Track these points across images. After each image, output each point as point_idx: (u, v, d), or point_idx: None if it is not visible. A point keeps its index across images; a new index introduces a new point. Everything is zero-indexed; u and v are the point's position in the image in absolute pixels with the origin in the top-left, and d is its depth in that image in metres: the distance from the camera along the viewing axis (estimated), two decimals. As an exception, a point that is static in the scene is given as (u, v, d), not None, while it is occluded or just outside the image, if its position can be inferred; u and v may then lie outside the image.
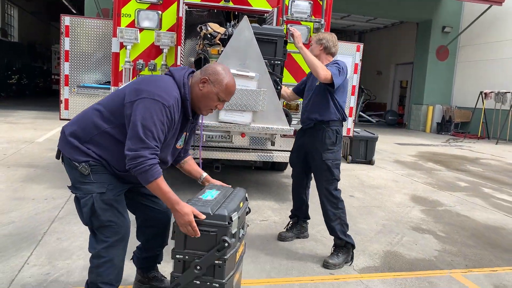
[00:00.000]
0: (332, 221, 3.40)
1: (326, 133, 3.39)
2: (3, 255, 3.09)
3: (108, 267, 2.17)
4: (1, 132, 8.91)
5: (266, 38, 3.31)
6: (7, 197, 4.47)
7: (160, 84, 2.12)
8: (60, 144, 2.22)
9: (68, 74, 5.42)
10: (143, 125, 1.99)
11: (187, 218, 1.97)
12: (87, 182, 2.13)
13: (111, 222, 2.16)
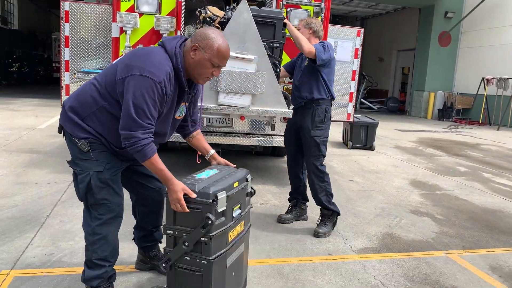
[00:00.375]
0: (319, 193, 3.63)
1: (316, 111, 3.52)
2: (7, 236, 3.15)
3: (102, 244, 2.22)
4: (3, 119, 8.95)
5: (265, 21, 3.31)
6: (10, 182, 4.53)
7: (151, 58, 2.06)
8: (61, 119, 2.24)
9: (69, 59, 5.43)
10: (134, 104, 1.99)
11: (175, 196, 2.01)
12: (86, 159, 2.16)
13: (106, 200, 2.20)
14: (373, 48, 22.14)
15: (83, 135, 2.15)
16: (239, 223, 2.25)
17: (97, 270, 2.23)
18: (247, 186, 2.32)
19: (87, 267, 2.26)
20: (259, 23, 3.20)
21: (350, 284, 2.81)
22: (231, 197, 2.09)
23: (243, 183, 2.26)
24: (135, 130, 2.01)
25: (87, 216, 2.26)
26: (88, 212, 2.25)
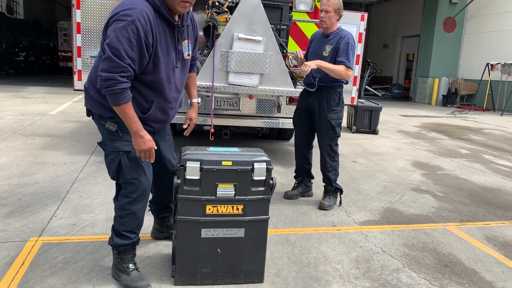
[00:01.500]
0: (329, 171, 3.83)
1: (331, 95, 3.65)
2: (32, 209, 3.37)
3: (130, 218, 2.36)
4: (15, 105, 9.17)
5: (272, 4, 3.46)
6: (29, 162, 4.75)
7: (124, 3, 2.07)
8: (87, 103, 2.32)
9: (81, 45, 5.60)
10: (109, 45, 2.00)
11: (149, 144, 2.16)
12: (115, 139, 2.25)
13: (135, 179, 2.30)
14: (377, 35, 22.13)
15: (109, 115, 2.22)
16: (230, 204, 2.31)
17: (124, 240, 2.37)
18: (253, 172, 2.31)
19: (115, 235, 2.38)
20: (267, 6, 3.35)
21: (352, 250, 3.01)
22: (213, 172, 2.24)
23: (243, 166, 2.29)
24: (114, 71, 2.00)
25: (120, 192, 2.40)
26: (121, 189, 2.38)
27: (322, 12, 3.56)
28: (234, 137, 5.92)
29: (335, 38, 3.58)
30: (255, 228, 2.37)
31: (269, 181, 2.36)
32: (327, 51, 3.60)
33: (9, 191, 3.77)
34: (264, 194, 2.36)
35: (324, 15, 3.55)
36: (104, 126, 2.25)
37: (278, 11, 3.47)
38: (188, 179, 2.25)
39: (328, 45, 3.60)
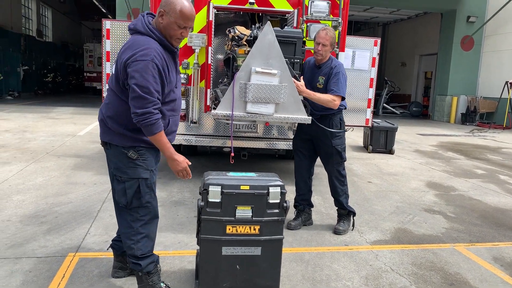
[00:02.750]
0: (340, 196, 3.95)
1: (332, 122, 3.83)
2: (68, 227, 3.70)
3: (145, 241, 2.57)
4: (46, 126, 9.70)
5: (287, 40, 3.74)
6: (62, 182, 5.12)
7: (136, 45, 2.32)
8: (104, 136, 2.50)
9: (109, 73, 6.02)
10: (138, 85, 2.26)
11: (183, 165, 2.45)
12: (134, 166, 2.44)
13: (149, 203, 2.52)
14: (395, 53, 22.30)
15: (131, 144, 2.42)
16: (248, 224, 2.54)
17: (148, 258, 2.58)
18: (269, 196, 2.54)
19: (138, 260, 2.54)
20: (282, 41, 3.63)
21: (362, 268, 3.21)
22: (232, 195, 2.50)
23: (260, 190, 2.53)
24: (148, 106, 2.28)
25: (128, 218, 2.52)
26: (129, 215, 2.51)
27: (319, 45, 3.70)
28: (252, 158, 6.19)
29: (327, 69, 3.75)
30: (270, 247, 2.61)
31: (283, 204, 2.60)
32: (321, 83, 3.78)
33: (47, 209, 4.12)
34: (278, 215, 2.61)
35: (321, 48, 3.71)
36: (126, 154, 2.44)
37: (292, 46, 3.74)
38: (210, 201, 2.53)
39: (321, 76, 3.79)
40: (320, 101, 3.67)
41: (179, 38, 2.44)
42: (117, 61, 2.42)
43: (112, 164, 2.53)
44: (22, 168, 5.71)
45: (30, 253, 3.15)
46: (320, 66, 3.86)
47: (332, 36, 3.72)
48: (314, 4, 5.31)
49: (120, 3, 13.84)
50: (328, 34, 3.71)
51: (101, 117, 2.52)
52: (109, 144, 2.50)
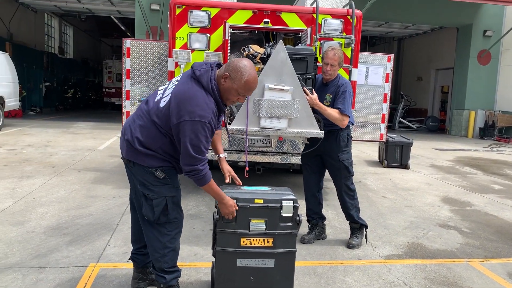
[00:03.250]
0: (350, 210, 3.99)
1: (340, 137, 3.91)
2: (89, 238, 3.84)
3: (172, 255, 2.68)
4: (66, 141, 10.00)
5: (299, 57, 3.88)
6: (83, 195, 5.30)
7: (196, 102, 2.37)
8: (131, 156, 2.55)
9: (129, 89, 6.25)
10: (192, 145, 2.35)
11: (230, 209, 2.57)
12: (161, 185, 2.53)
13: (176, 219, 2.63)
14: (411, 68, 22.27)
15: (158, 164, 2.51)
16: (261, 237, 2.65)
17: (174, 274, 2.70)
18: (282, 209, 2.64)
19: (164, 273, 2.64)
20: (294, 58, 3.76)
21: (375, 282, 3.25)
22: (246, 208, 2.60)
23: (273, 204, 2.63)
24: (196, 164, 2.40)
25: (155, 233, 2.60)
26: (157, 230, 2.60)
27: (327, 65, 3.80)
28: (266, 172, 6.29)
29: (334, 87, 3.86)
30: (284, 259, 2.69)
31: (296, 218, 2.69)
32: (328, 100, 3.87)
33: (69, 221, 4.28)
34: (291, 229, 2.69)
35: (330, 69, 3.81)
36: (153, 173, 2.51)
37: (304, 62, 3.87)
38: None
39: (328, 94, 3.90)
40: (330, 117, 3.77)
41: (234, 102, 2.56)
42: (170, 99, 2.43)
43: (137, 181, 2.59)
44: (45, 181, 5.92)
45: (53, 263, 3.29)
46: (328, 83, 3.96)
47: (340, 56, 3.81)
48: (327, 22, 5.47)
49: (139, 22, 14.25)
50: (336, 54, 3.80)
51: (129, 137, 2.56)
52: (133, 162, 2.56)
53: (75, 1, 17.64)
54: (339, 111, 3.77)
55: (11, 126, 12.37)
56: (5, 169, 6.57)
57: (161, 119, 2.47)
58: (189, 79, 2.48)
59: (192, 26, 5.37)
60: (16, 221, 4.22)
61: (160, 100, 2.53)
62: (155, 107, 2.52)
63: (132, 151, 2.55)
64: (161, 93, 2.59)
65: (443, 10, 15.64)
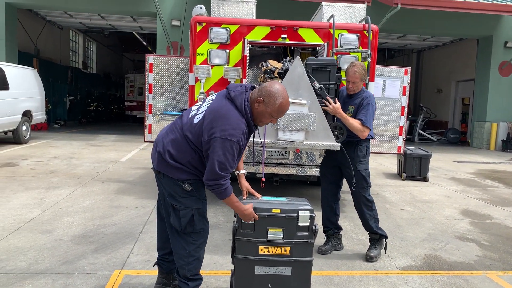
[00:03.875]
0: (369, 220, 4.02)
1: (358, 148, 3.99)
2: (113, 246, 4.00)
3: (196, 263, 2.80)
4: (90, 153, 10.31)
5: (322, 67, 4.00)
6: (107, 206, 5.49)
7: (229, 121, 2.47)
8: (161, 167, 2.66)
9: (152, 103, 6.47)
10: (218, 161, 2.44)
11: (250, 216, 2.67)
12: (188, 197, 2.65)
13: (202, 229, 2.74)
14: (430, 80, 22.10)
15: (186, 177, 2.62)
16: (279, 245, 2.73)
17: (197, 281, 2.82)
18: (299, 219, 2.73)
19: (188, 281, 2.75)
20: (317, 69, 3.90)
21: (391, 293, 3.29)
22: (264, 218, 2.70)
23: (290, 214, 2.73)
24: (219, 179, 2.49)
25: (182, 241, 2.72)
26: (183, 238, 2.71)
27: (349, 83, 3.93)
28: (284, 184, 6.38)
29: (358, 99, 3.96)
30: (300, 267, 2.77)
31: (312, 227, 2.78)
32: (350, 111, 3.97)
33: (94, 230, 4.46)
34: (308, 238, 2.78)
35: (352, 86, 3.94)
36: (181, 186, 2.63)
37: (326, 72, 3.98)
38: (244, 223, 2.74)
39: (351, 105, 4.00)
40: (351, 127, 3.85)
41: (266, 123, 2.70)
42: (204, 116, 2.53)
43: (166, 192, 2.72)
44: (71, 192, 6.15)
45: (80, 269, 3.45)
46: (352, 96, 4.05)
47: (360, 73, 3.90)
48: (343, 37, 5.60)
49: (160, 37, 14.66)
50: (357, 72, 3.89)
51: (160, 150, 2.67)
52: (163, 174, 2.68)
53: (99, 18, 18.25)
54: (360, 122, 3.84)
55: (38, 139, 12.82)
56: (33, 180, 6.85)
57: (193, 134, 2.58)
58: (224, 98, 2.58)
59: (212, 42, 5.57)
60: (44, 230, 4.42)
61: (194, 116, 2.64)
62: (188, 122, 2.64)
63: (163, 163, 2.66)
64: (195, 110, 2.70)
65: (463, 22, 15.58)
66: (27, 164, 8.39)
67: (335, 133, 3.95)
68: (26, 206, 5.31)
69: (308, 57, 4.04)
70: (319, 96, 3.89)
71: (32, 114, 12.14)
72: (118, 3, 14.72)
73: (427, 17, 15.21)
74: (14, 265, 3.49)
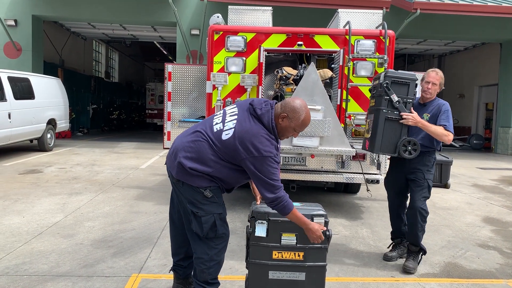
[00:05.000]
0: (419, 231, 3.90)
1: (427, 157, 3.93)
2: (131, 251, 4.09)
3: (217, 267, 2.83)
4: (111, 160, 10.54)
5: (401, 81, 3.79)
6: (126, 211, 5.60)
7: (261, 140, 2.57)
8: (181, 176, 2.70)
9: (170, 111, 6.60)
10: (267, 177, 2.56)
11: (318, 234, 2.69)
12: (209, 203, 2.69)
13: (223, 234, 2.78)
14: (452, 85, 21.66)
15: (207, 184, 2.68)
16: (292, 251, 2.77)
17: (214, 286, 2.84)
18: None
19: (207, 285, 2.77)
20: (396, 82, 3.74)
21: (408, 300, 3.25)
22: (278, 223, 2.72)
23: None
24: (277, 191, 2.59)
25: (203, 246, 2.75)
26: (205, 243, 2.74)
27: (429, 84, 3.86)
28: (301, 190, 6.37)
29: (434, 107, 3.87)
30: (314, 273, 2.78)
31: (326, 232, 2.78)
32: (425, 119, 3.83)
33: (113, 235, 4.56)
34: (322, 243, 2.78)
35: (431, 87, 3.86)
36: (202, 193, 2.68)
37: (405, 86, 3.79)
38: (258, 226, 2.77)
39: (426, 113, 3.88)
40: (436, 133, 3.75)
41: (288, 137, 2.82)
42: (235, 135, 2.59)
43: (185, 199, 2.75)
44: (92, 198, 6.30)
45: (99, 272, 3.54)
46: (426, 104, 3.96)
47: (442, 77, 3.89)
48: (360, 43, 5.60)
49: (180, 46, 14.92)
50: (438, 74, 3.89)
51: (181, 159, 2.69)
52: (182, 182, 2.72)
53: (121, 28, 18.70)
54: (444, 127, 3.77)
55: (61, 146, 13.18)
56: (56, 186, 7.05)
57: (223, 148, 2.65)
58: (250, 116, 2.66)
59: (229, 50, 5.66)
60: (66, 234, 4.55)
61: (221, 131, 2.68)
62: (216, 135, 2.69)
63: (183, 171, 2.70)
64: (220, 124, 2.72)
65: (485, 26, 15.29)
66: (51, 170, 8.64)
67: (408, 149, 3.77)
68: (49, 211, 5.47)
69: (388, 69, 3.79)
70: (397, 109, 3.74)
71: (57, 123, 12.49)
72: (139, 13, 15.06)
73: (448, 21, 15.00)
74: (36, 268, 3.61)
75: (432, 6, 12.86)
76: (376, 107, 3.87)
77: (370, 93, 4.17)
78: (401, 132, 3.81)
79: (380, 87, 3.79)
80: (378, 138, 3.78)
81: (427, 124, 3.77)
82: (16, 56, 14.82)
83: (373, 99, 4.00)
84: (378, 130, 3.78)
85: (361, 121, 5.26)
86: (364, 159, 5.38)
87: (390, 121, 3.78)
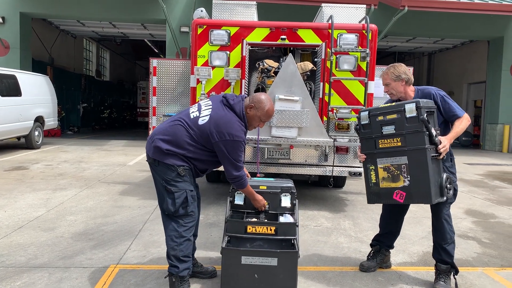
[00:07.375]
0: (448, 243, 3.34)
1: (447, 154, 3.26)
2: (111, 243, 4.09)
3: (187, 244, 2.96)
4: (99, 157, 10.50)
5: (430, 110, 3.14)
6: (110, 205, 5.60)
7: (233, 126, 2.92)
8: (158, 156, 2.93)
9: (156, 106, 6.59)
10: (235, 158, 2.95)
11: (262, 203, 3.23)
12: (182, 181, 2.93)
13: (193, 212, 3.00)
14: (442, 82, 21.86)
15: (181, 163, 2.94)
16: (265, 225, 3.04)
17: (186, 263, 2.95)
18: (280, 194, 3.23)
19: (177, 262, 2.91)
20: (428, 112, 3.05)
21: (383, 287, 3.28)
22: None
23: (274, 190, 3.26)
24: (239, 170, 3.00)
25: (174, 224, 2.95)
26: (175, 222, 2.94)
27: (384, 87, 3.44)
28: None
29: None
30: (286, 258, 2.83)
31: (294, 202, 3.14)
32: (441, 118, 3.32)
33: (95, 228, 4.56)
34: (290, 211, 3.12)
35: (387, 89, 3.41)
36: (177, 170, 2.93)
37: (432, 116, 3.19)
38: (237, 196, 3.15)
39: None
40: (460, 130, 3.25)
41: (255, 127, 3.19)
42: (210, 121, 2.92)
43: (160, 178, 2.98)
44: (76, 193, 6.28)
45: (77, 264, 3.54)
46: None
47: (389, 72, 3.37)
48: (342, 37, 5.62)
49: (170, 43, 14.89)
50: (388, 72, 3.39)
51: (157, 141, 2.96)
52: (158, 161, 2.96)
53: (110, 26, 18.61)
54: (457, 118, 3.26)
55: (50, 144, 13.10)
56: (41, 182, 7.02)
57: (199, 131, 2.96)
58: (223, 106, 3.02)
59: (212, 44, 5.66)
60: (47, 227, 4.54)
61: (197, 118, 2.99)
62: (192, 121, 2.99)
63: (159, 151, 2.94)
64: (196, 112, 3.03)
65: (472, 24, 15.44)
66: (37, 167, 8.59)
67: (448, 186, 3.18)
68: (32, 206, 5.45)
69: (418, 99, 3.12)
70: (435, 144, 3.11)
71: (45, 120, 12.41)
72: (128, 11, 15.01)
73: (436, 19, 15.12)
74: (13, 260, 3.60)
75: (419, 3, 12.96)
76: (414, 146, 3.09)
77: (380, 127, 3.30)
78: (439, 170, 3.20)
79: (414, 121, 3.08)
80: (433, 184, 3.08)
81: (453, 136, 3.24)
82: (4, 54, 14.71)
83: (399, 137, 3.18)
84: (430, 173, 3.05)
85: (344, 115, 5.29)
86: (347, 152, 5.43)
87: (434, 160, 3.13)
